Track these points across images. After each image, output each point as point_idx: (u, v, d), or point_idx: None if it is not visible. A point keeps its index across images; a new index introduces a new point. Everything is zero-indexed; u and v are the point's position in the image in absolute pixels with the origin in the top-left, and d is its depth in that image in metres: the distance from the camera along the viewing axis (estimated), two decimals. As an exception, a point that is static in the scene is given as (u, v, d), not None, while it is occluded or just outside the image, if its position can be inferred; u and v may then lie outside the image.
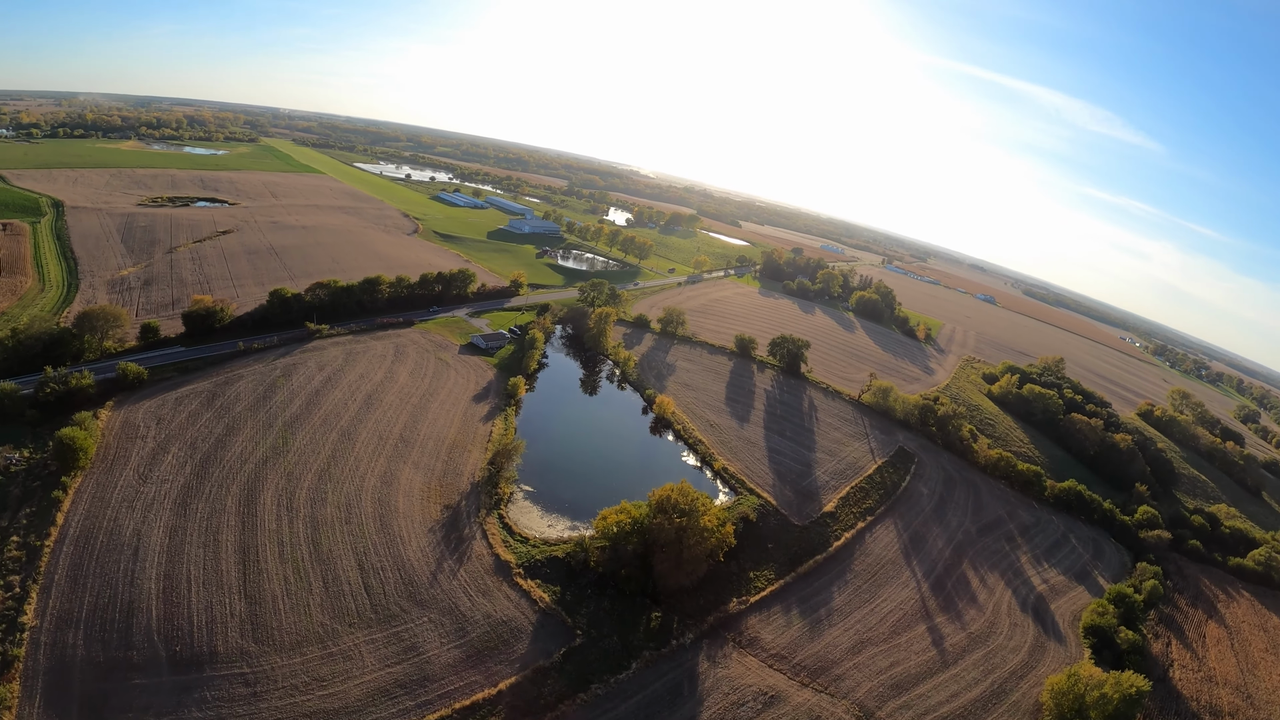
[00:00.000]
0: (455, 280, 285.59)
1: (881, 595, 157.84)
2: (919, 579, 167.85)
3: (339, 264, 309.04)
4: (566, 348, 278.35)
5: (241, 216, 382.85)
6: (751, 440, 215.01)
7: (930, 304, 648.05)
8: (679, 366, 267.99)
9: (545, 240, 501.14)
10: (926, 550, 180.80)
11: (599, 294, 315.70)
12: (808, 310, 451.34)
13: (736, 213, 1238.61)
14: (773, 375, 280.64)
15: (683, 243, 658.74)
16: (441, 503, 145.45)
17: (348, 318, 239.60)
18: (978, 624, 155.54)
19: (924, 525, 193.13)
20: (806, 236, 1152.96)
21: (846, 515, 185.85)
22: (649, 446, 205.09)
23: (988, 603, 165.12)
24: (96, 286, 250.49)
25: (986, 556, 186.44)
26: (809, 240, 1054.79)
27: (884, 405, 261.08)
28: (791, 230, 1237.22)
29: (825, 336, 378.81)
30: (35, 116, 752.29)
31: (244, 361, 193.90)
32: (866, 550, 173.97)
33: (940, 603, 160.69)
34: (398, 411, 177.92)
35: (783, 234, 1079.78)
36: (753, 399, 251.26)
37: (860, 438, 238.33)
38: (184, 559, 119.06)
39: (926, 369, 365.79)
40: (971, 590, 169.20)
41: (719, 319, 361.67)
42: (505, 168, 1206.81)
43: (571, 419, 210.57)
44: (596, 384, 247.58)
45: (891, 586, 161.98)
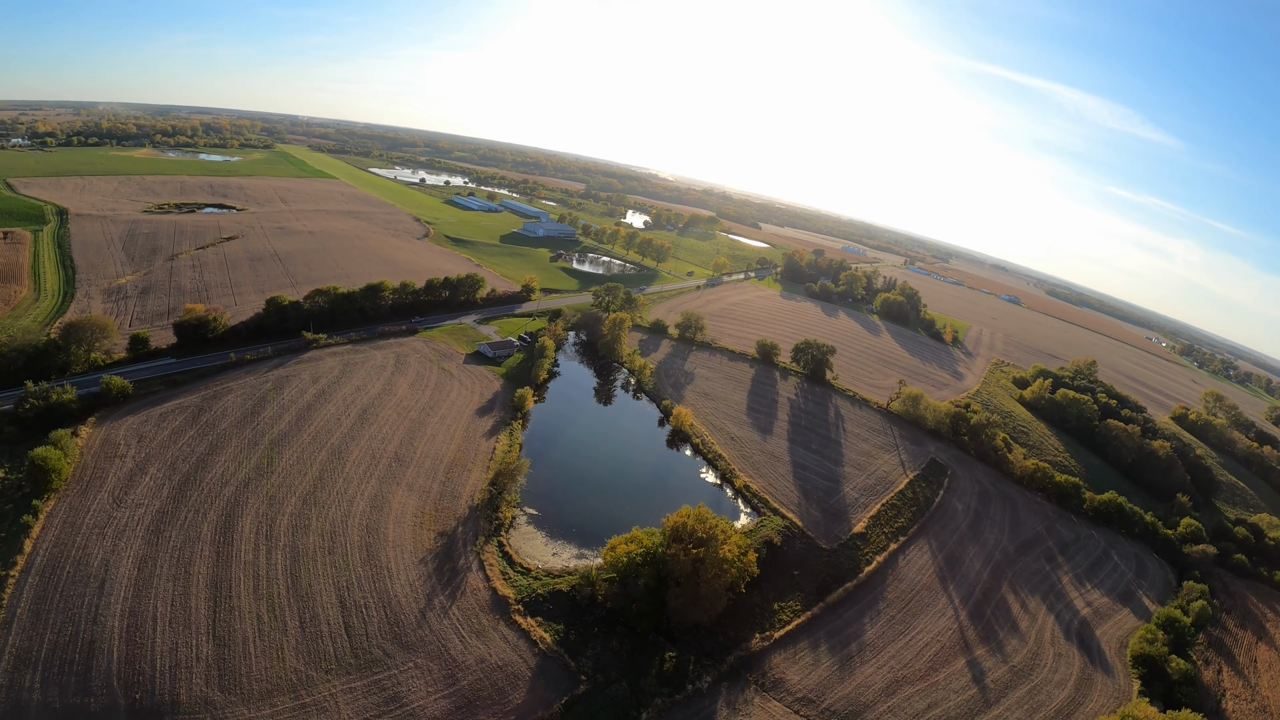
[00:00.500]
0: (463, 285, 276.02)
1: (917, 626, 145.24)
2: (956, 606, 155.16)
3: (344, 270, 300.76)
4: (580, 355, 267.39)
5: (248, 222, 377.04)
6: (775, 454, 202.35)
7: (955, 305, 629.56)
8: (698, 374, 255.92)
9: (560, 244, 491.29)
10: (963, 573, 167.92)
11: (614, 298, 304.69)
12: (831, 313, 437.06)
13: (756, 215, 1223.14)
14: (796, 383, 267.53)
15: (702, 245, 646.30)
16: (436, 529, 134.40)
17: (349, 326, 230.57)
18: (1020, 655, 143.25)
19: (959, 545, 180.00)
20: (827, 238, 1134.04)
21: (877, 536, 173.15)
22: (665, 462, 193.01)
23: (1030, 630, 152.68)
24: (92, 295, 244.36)
25: (1026, 578, 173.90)
26: (829, 242, 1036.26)
27: (914, 414, 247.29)
28: (811, 232, 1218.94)
29: (850, 341, 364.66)
30: (51, 126, 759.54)
31: (235, 374, 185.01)
32: (900, 575, 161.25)
33: (980, 632, 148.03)
34: (394, 427, 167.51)
35: (803, 235, 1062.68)
36: (776, 409, 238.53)
37: (890, 449, 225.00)
38: (151, 594, 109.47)
39: (955, 374, 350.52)
40: (1012, 617, 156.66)
41: (739, 323, 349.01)
42: (522, 172, 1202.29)
43: (582, 432, 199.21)
44: (610, 394, 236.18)
45: (927, 615, 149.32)
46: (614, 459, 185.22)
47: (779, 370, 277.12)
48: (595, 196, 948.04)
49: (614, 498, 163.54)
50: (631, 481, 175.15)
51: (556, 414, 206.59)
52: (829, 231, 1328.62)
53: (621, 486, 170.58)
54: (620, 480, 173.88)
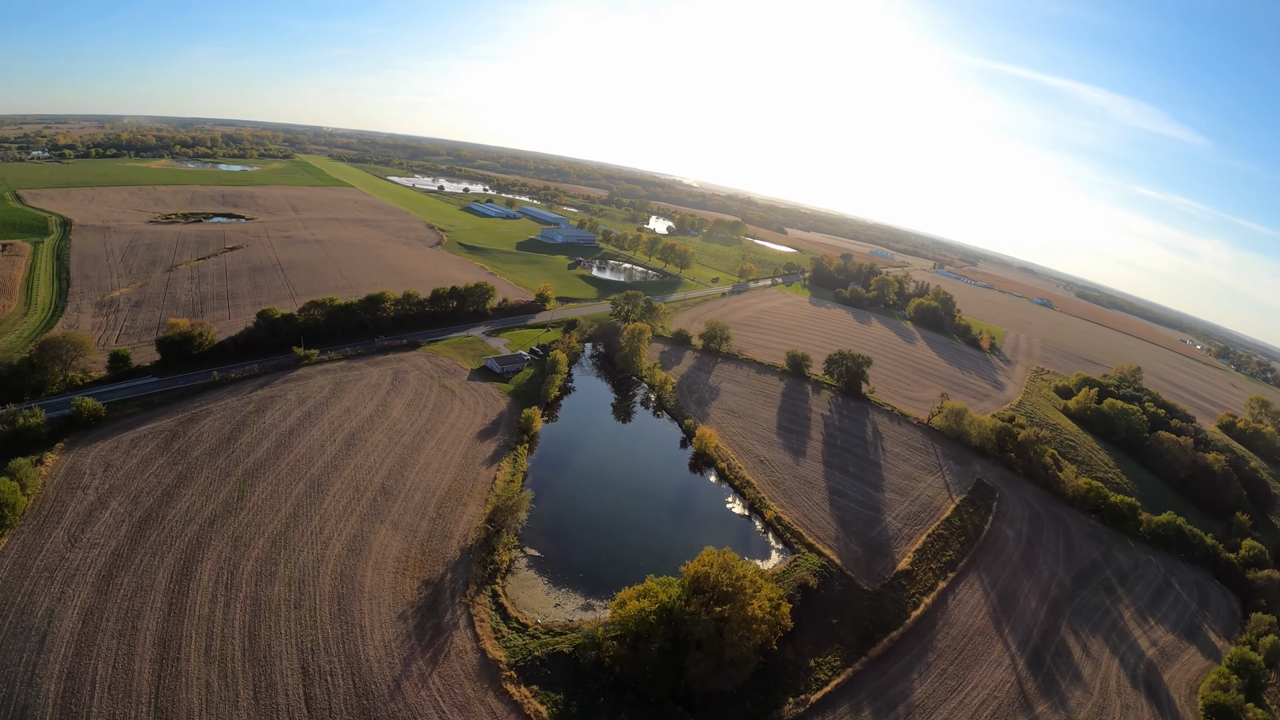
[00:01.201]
0: (472, 295, 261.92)
1: (971, 679, 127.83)
2: (1013, 653, 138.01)
3: (348, 280, 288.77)
4: (597, 369, 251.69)
5: (254, 231, 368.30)
6: (809, 479, 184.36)
7: (988, 310, 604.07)
8: (723, 389, 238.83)
9: (579, 250, 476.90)
10: (1018, 612, 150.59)
11: (633, 307, 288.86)
12: (863, 320, 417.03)
13: (781, 219, 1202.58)
14: (830, 397, 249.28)
15: (727, 250, 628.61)
16: (421, 576, 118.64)
17: (348, 339, 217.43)
18: (1085, 709, 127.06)
19: (1013, 579, 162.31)
20: (853, 242, 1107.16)
21: (924, 573, 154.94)
22: (687, 490, 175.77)
23: (1094, 678, 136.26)
24: (83, 309, 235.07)
25: (1086, 615, 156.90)
26: (856, 246, 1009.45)
27: (957, 430, 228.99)
28: (837, 236, 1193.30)
29: (885, 349, 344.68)
30: (73, 138, 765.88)
31: (216, 394, 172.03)
32: (950, 618, 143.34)
33: (1040, 684, 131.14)
34: (383, 455, 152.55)
35: (829, 240, 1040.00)
36: (808, 427, 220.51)
37: (933, 470, 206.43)
38: (94, 652, 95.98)
39: (995, 383, 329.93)
40: (1074, 662, 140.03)
41: (767, 332, 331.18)
42: (545, 179, 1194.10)
43: (595, 457, 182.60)
44: (628, 411, 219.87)
45: (982, 666, 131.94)
46: (630, 487, 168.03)
47: (811, 383, 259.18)
48: (618, 202, 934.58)
49: (628, 534, 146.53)
50: (649, 514, 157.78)
51: (568, 435, 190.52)
52: (855, 236, 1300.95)
53: (637, 520, 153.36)
54: (636, 513, 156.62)
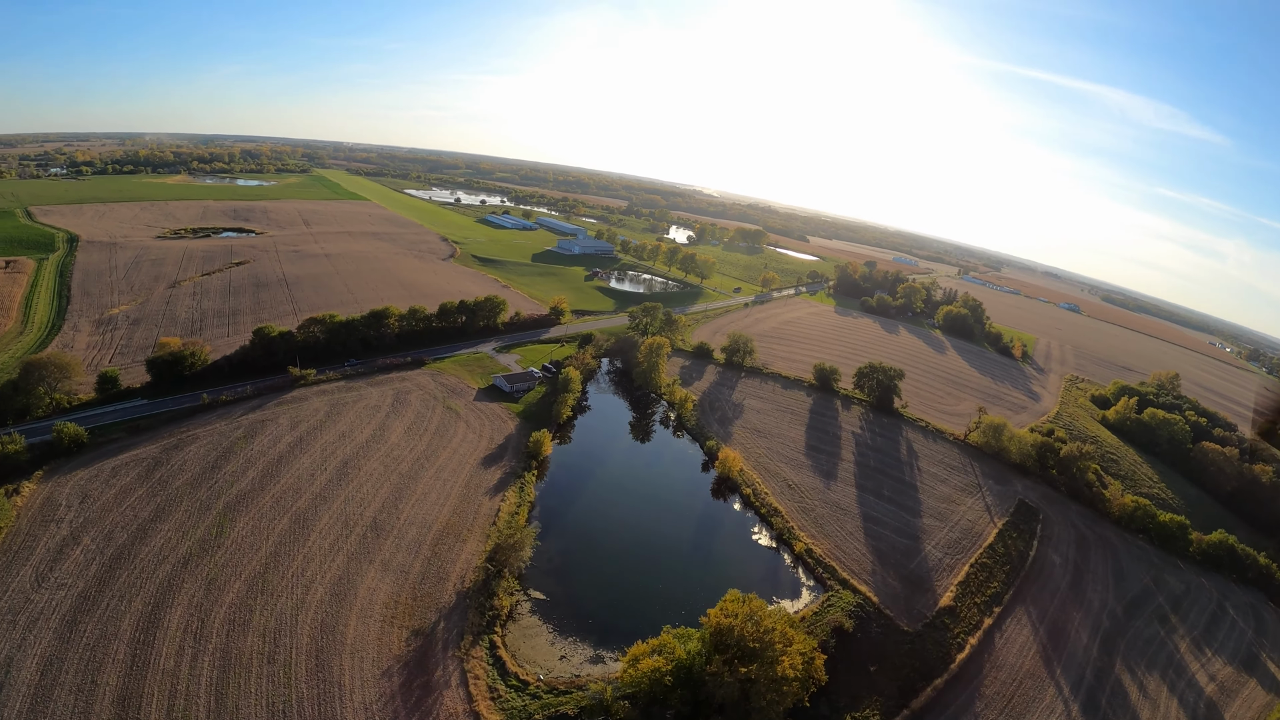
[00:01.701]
0: (481, 309, 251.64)
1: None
2: (1066, 697, 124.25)
3: (355, 295, 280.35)
4: (613, 385, 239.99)
5: (262, 246, 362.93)
6: (841, 505, 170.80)
7: (1016, 316, 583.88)
8: (747, 406, 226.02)
9: (597, 261, 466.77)
10: (1069, 649, 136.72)
11: (651, 320, 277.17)
12: (891, 330, 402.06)
13: (803, 228, 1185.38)
14: (861, 413, 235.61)
15: (749, 259, 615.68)
16: (410, 625, 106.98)
17: (350, 357, 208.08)
18: None
19: (1062, 611, 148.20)
20: (876, 249, 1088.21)
21: (968, 609, 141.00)
22: (709, 519, 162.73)
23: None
24: (80, 327, 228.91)
25: (1140, 648, 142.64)
26: (878, 253, 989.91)
27: (996, 446, 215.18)
28: (859, 244, 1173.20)
29: (915, 360, 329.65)
30: (91, 155, 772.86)
31: (205, 419, 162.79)
32: (997, 660, 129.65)
33: None
34: (378, 485, 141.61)
35: (851, 248, 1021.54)
36: (839, 446, 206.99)
37: (972, 490, 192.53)
38: (50, 708, 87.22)
39: (1031, 393, 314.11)
40: (1131, 705, 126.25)
41: (793, 344, 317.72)
42: (563, 190, 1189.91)
43: (609, 483, 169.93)
44: (646, 431, 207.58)
45: (1034, 715, 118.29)
46: (646, 518, 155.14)
47: (840, 398, 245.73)
48: (637, 213, 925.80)
49: (644, 572, 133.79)
50: (667, 548, 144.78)
51: (581, 459, 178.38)
52: (877, 243, 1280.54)
53: (654, 556, 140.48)
54: (653, 547, 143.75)
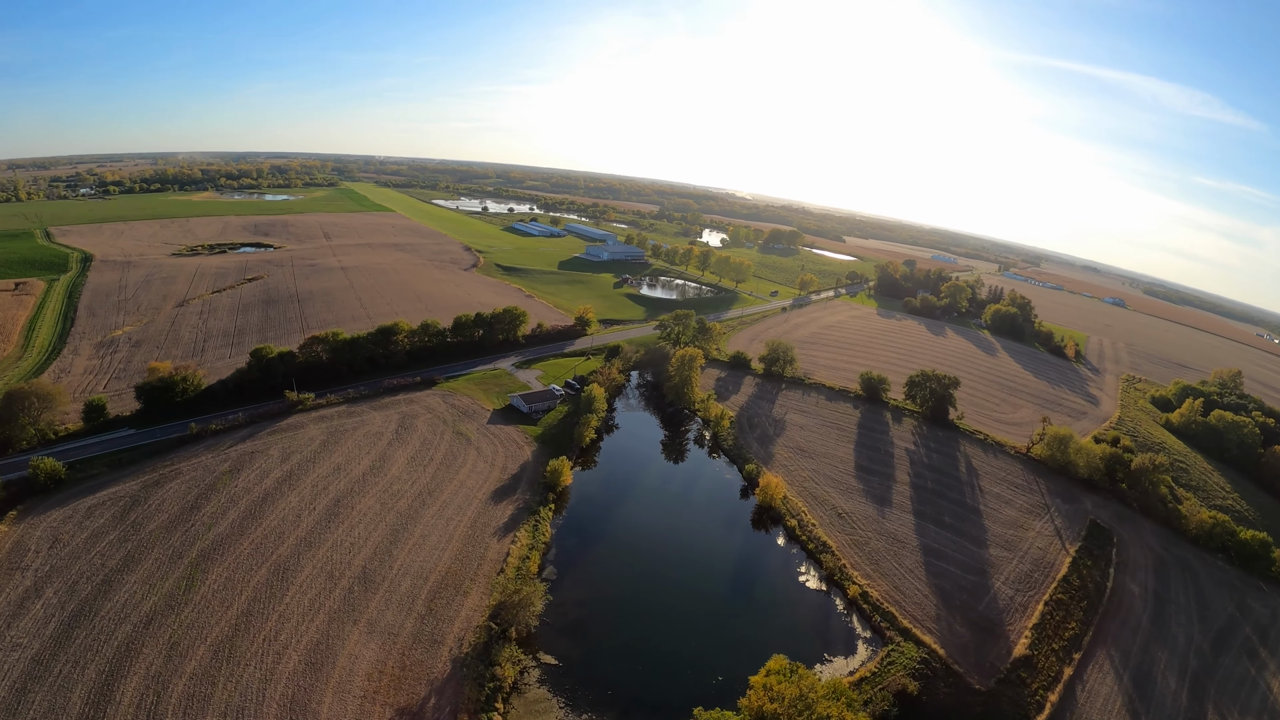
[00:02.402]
0: (500, 322, 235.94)
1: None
2: None
3: (367, 310, 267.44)
4: (643, 401, 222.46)
5: (278, 260, 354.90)
6: (899, 537, 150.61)
7: (1062, 313, 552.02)
8: (790, 421, 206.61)
9: (626, 267, 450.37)
10: (1158, 698, 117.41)
11: (683, 328, 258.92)
12: (937, 331, 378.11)
13: (838, 228, 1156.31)
14: (913, 426, 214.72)
15: (785, 261, 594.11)
16: (395, 703, 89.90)
17: (356, 378, 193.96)
18: None
19: (1145, 652, 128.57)
20: (913, 248, 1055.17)
21: (1046, 658, 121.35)
22: (750, 557, 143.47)
23: None
24: (80, 351, 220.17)
25: (1231, 691, 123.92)
26: (916, 251, 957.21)
27: (1062, 460, 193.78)
28: (896, 242, 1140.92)
29: (965, 364, 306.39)
30: (121, 175, 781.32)
31: (191, 450, 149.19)
32: (1081, 718, 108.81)
33: None
34: (371, 526, 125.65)
35: (888, 247, 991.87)
36: (892, 465, 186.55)
37: (1039, 512, 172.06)
38: None
39: (1089, 397, 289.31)
40: None
41: (835, 350, 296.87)
42: (594, 197, 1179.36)
43: (636, 517, 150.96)
44: (679, 453, 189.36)
45: None
46: (677, 559, 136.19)
47: (890, 410, 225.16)
48: (669, 217, 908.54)
49: (674, 626, 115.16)
50: (700, 595, 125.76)
51: (604, 489, 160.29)
52: (914, 241, 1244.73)
53: (686, 606, 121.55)
54: (684, 594, 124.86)
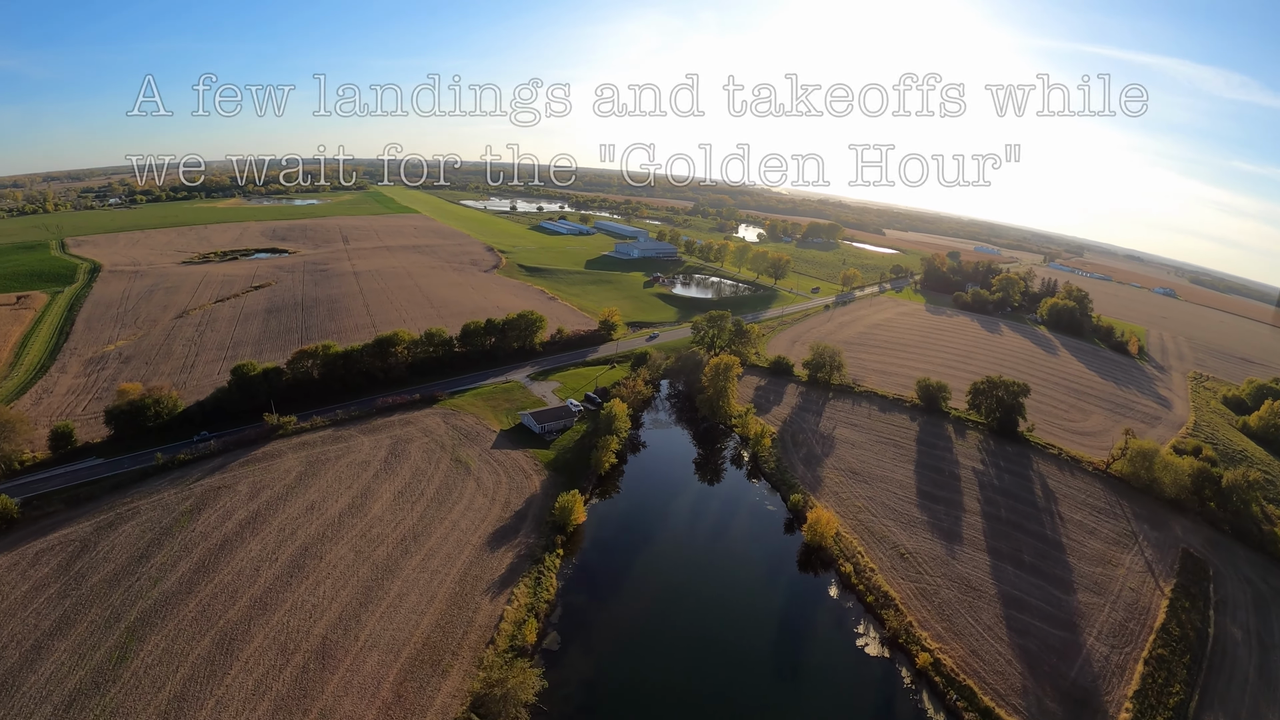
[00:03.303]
0: (514, 329, 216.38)
1: None
2: None
3: (373, 318, 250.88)
4: (673, 413, 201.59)
5: (289, 266, 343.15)
6: (973, 583, 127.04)
7: (1114, 305, 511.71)
8: (839, 437, 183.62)
9: (658, 265, 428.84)
10: None
11: (719, 331, 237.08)
12: (991, 328, 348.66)
13: (877, 220, 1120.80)
14: (979, 441, 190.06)
15: (825, 256, 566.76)
16: (342, 839, 70.95)
17: (349, 396, 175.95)
18: None
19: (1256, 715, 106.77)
20: (954, 240, 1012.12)
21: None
22: (797, 612, 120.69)
23: None
24: (68, 368, 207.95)
25: None
26: (958, 243, 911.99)
27: (1146, 478, 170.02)
28: (936, 234, 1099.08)
29: (1026, 365, 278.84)
30: (150, 185, 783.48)
31: (155, 484, 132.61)
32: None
33: None
34: (341, 581, 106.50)
35: (929, 239, 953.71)
36: (959, 490, 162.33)
37: (1126, 542, 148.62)
38: None
39: (1159, 399, 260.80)
40: None
41: (884, 351, 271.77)
42: (627, 194, 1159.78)
43: (660, 564, 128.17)
44: (714, 476, 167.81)
45: None
46: (709, 617, 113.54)
47: (951, 422, 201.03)
48: (704, 212, 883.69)
49: (703, 710, 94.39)
50: (737, 665, 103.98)
51: (624, 527, 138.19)
52: (954, 233, 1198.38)
53: (719, 679, 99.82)
54: (717, 663, 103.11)
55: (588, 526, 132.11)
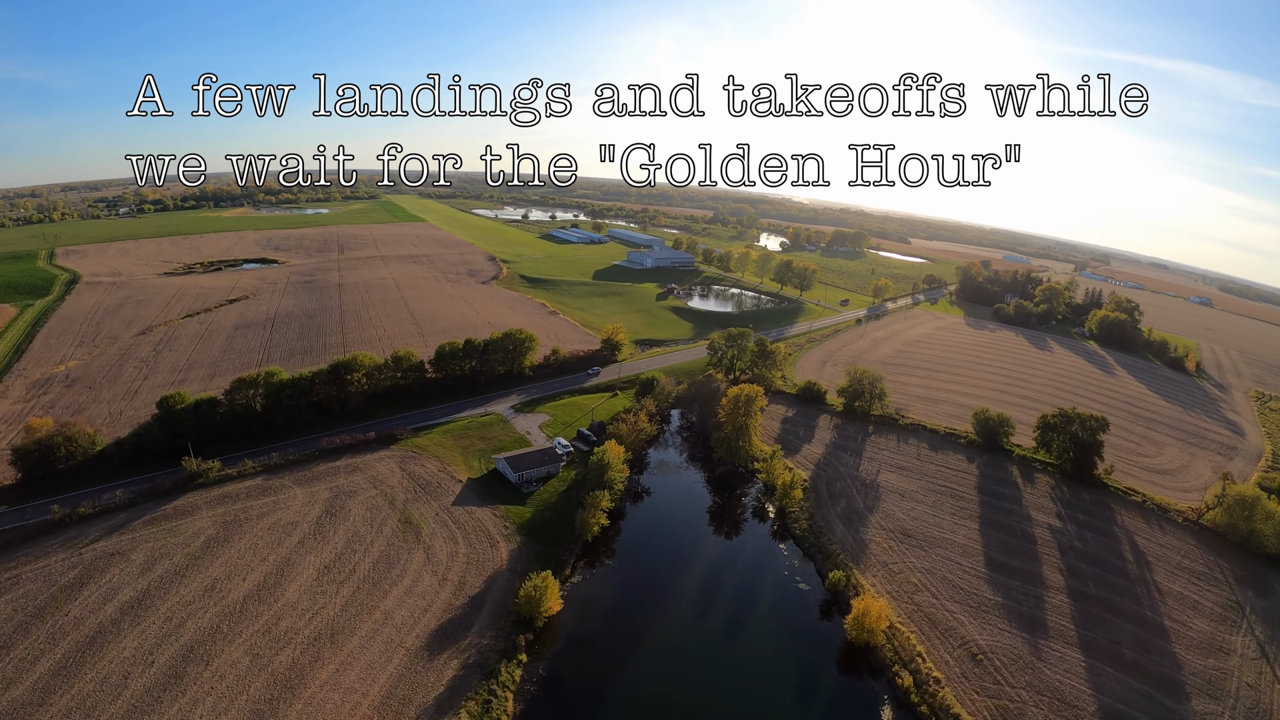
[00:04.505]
0: (498, 350, 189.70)
1: None
2: None
3: (346, 336, 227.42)
4: (684, 451, 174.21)
5: (273, 278, 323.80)
6: (1067, 695, 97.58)
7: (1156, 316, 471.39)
8: (884, 485, 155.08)
9: (673, 275, 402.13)
10: None
11: (739, 351, 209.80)
12: (1039, 344, 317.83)
13: (901, 229, 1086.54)
14: (1050, 486, 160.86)
15: (852, 265, 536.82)
16: None
17: (299, 432, 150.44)
18: None
19: None
20: (980, 249, 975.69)
21: None
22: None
23: None
24: (9, 392, 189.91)
25: None
26: (986, 252, 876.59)
27: (1244, 529, 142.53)
28: (961, 244, 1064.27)
29: (1084, 387, 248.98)
30: (161, 194, 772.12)
31: (45, 545, 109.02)
32: None
33: None
34: (226, 700, 79.59)
35: (956, 248, 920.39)
36: (1035, 556, 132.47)
37: (1233, 617, 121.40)
38: None
39: (1229, 424, 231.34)
40: None
41: (927, 373, 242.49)
42: (645, 202, 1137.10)
43: (658, 673, 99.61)
44: (732, 532, 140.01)
45: None
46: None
47: (1014, 461, 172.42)
48: (723, 220, 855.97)
49: None
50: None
51: (612, 616, 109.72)
52: (978, 242, 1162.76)
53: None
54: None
55: (565, 616, 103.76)
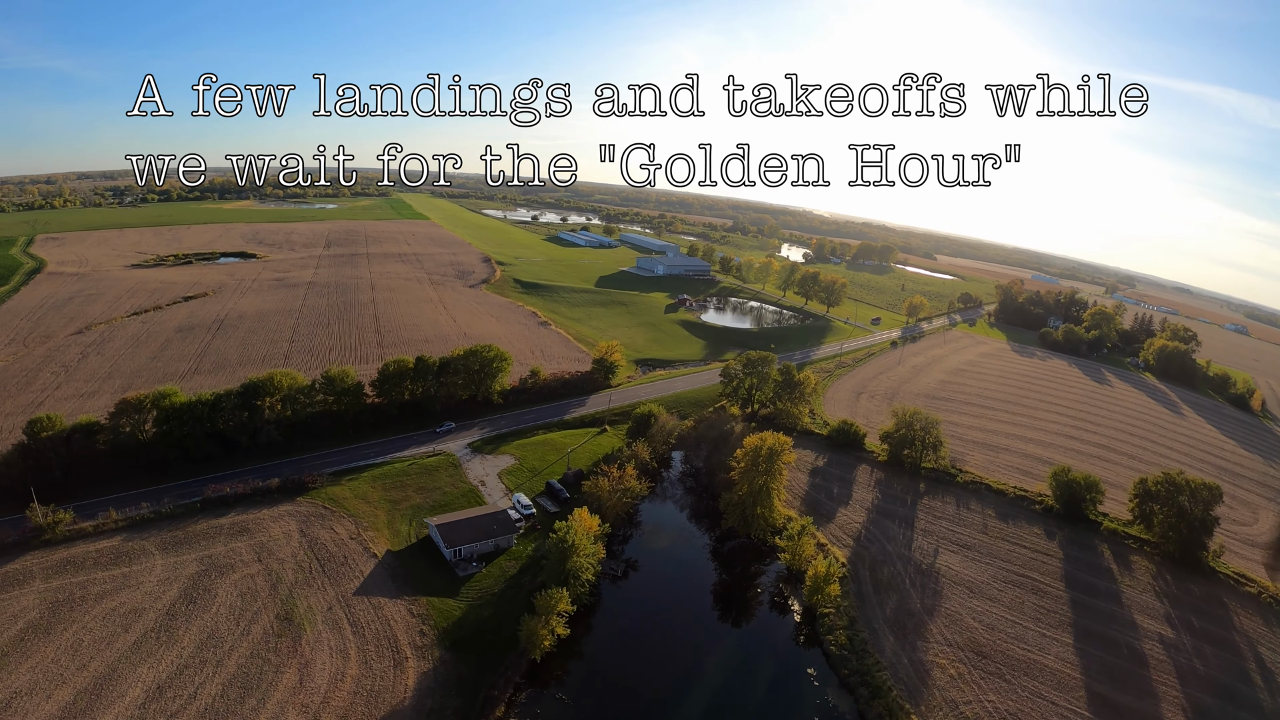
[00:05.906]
0: (457, 371, 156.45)
1: None
2: None
3: (295, 345, 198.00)
4: (687, 508, 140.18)
5: (241, 274, 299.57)
6: None
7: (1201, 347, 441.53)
8: (945, 572, 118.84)
9: (686, 285, 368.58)
10: None
11: (759, 381, 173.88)
12: (1095, 376, 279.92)
13: (924, 245, 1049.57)
14: (1150, 574, 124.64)
15: (881, 280, 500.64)
16: None
17: (194, 471, 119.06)
18: None
19: None
20: (1005, 268, 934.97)
21: None
22: None
23: None
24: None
25: None
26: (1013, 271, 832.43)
27: None
28: (988, 262, 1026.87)
29: (1155, 431, 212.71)
30: (169, 185, 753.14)
31: None
32: None
33: None
34: None
35: (981, 266, 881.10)
36: (1149, 688, 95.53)
37: None
38: None
39: None
40: None
41: (980, 411, 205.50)
42: (663, 209, 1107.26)
43: None
44: (741, 642, 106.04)
45: None
46: None
47: (1102, 536, 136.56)
48: (744, 229, 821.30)
49: None
50: None
51: None
52: (1003, 260, 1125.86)
53: None
54: None
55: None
